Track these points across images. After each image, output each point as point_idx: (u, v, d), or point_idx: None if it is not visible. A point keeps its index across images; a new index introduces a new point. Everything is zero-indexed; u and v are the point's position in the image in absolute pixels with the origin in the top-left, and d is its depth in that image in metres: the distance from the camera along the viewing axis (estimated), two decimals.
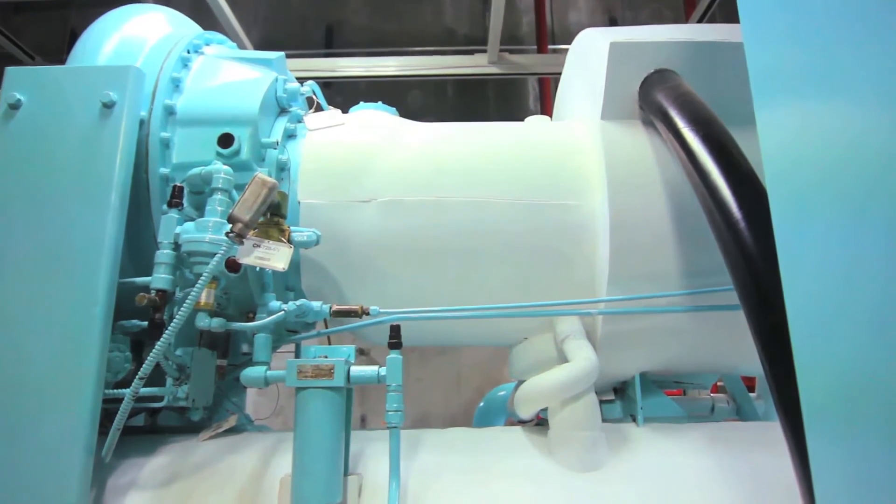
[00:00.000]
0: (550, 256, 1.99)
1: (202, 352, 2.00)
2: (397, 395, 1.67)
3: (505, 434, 2.02)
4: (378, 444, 1.84)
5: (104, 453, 1.68)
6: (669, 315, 1.93)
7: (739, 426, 2.23)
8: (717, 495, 1.70)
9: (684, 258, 1.90)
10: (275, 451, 1.90)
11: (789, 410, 1.16)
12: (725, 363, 2.28)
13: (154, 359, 1.58)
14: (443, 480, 1.75)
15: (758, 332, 1.26)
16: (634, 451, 1.87)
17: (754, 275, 1.30)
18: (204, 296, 1.68)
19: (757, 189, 1.41)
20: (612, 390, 2.26)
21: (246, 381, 1.78)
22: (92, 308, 1.65)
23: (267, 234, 1.69)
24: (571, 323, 1.98)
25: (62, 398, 1.60)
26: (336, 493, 1.62)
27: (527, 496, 1.71)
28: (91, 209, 1.71)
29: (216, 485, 1.78)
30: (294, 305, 1.80)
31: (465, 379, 5.33)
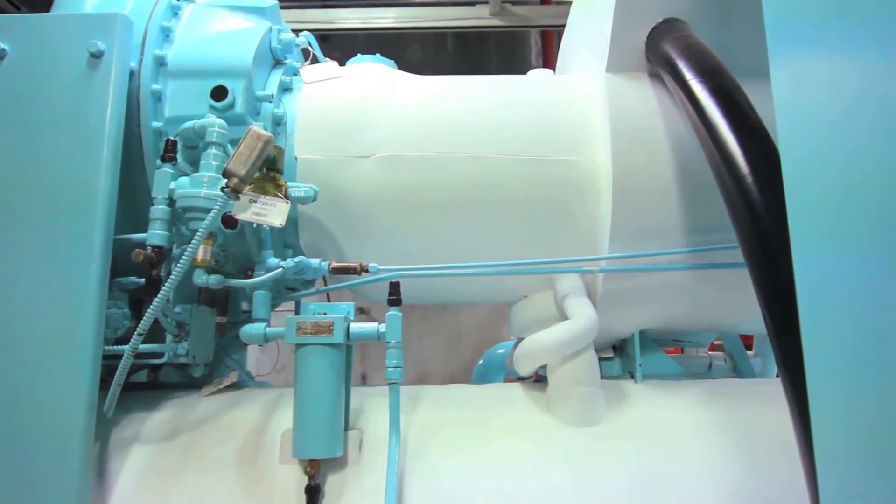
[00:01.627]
0: (552, 213, 1.96)
1: (201, 309, 1.99)
2: (397, 351, 1.67)
3: (504, 390, 2.04)
4: (378, 399, 1.86)
5: (106, 408, 1.69)
6: (671, 273, 1.92)
7: (736, 383, 2.24)
8: (713, 449, 1.72)
9: (687, 215, 1.88)
10: (276, 406, 1.91)
11: (791, 367, 1.15)
12: (725, 321, 2.28)
13: (152, 315, 1.57)
14: (442, 435, 1.77)
15: (762, 289, 1.25)
16: (632, 406, 1.88)
17: (760, 232, 1.27)
18: (201, 252, 1.66)
19: (766, 144, 1.37)
20: (612, 348, 2.27)
21: (245, 338, 1.78)
22: (88, 265, 1.62)
23: (263, 189, 1.66)
24: (572, 280, 1.97)
25: (62, 355, 1.60)
26: (337, 447, 1.64)
27: (525, 450, 1.73)
28: (83, 164, 1.66)
29: (218, 439, 1.80)
30: (292, 262, 1.78)
31: (464, 337, 5.38)
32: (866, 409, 0.93)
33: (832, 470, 0.94)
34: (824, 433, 0.96)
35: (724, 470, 1.67)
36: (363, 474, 1.68)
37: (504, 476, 1.67)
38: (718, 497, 1.62)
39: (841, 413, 0.95)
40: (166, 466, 1.73)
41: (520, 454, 1.72)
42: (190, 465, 1.73)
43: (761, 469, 1.67)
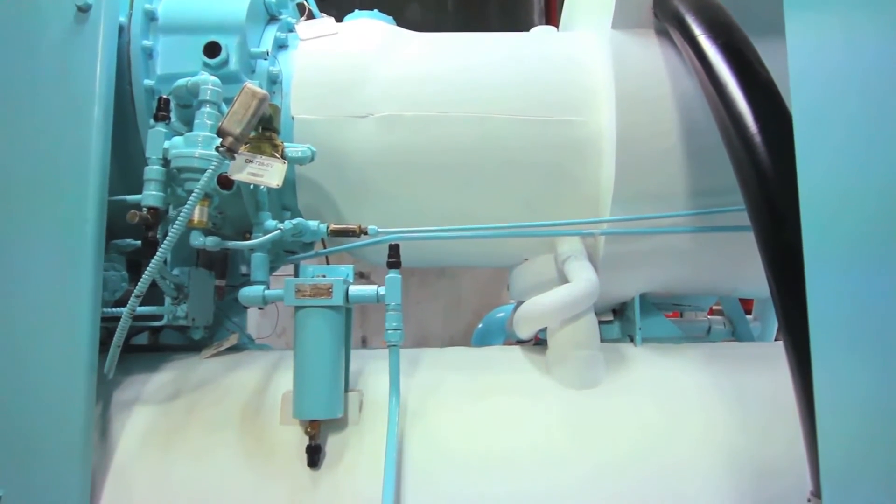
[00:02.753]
0: (554, 175, 1.92)
1: (199, 271, 1.99)
2: (396, 314, 1.66)
3: (503, 353, 2.04)
4: (378, 362, 1.86)
5: (106, 369, 1.69)
6: (673, 236, 1.90)
7: (735, 346, 2.25)
8: (712, 411, 1.73)
9: (692, 178, 1.85)
10: (276, 368, 1.92)
11: (794, 330, 1.15)
12: (726, 285, 2.27)
13: (149, 277, 1.56)
14: (442, 396, 1.78)
15: (767, 251, 1.23)
16: (631, 368, 1.89)
17: (767, 192, 1.25)
18: (197, 213, 1.63)
19: (776, 103, 1.34)
20: (611, 311, 2.27)
21: (244, 300, 1.77)
22: (83, 226, 1.60)
23: (259, 149, 1.62)
24: (573, 243, 1.95)
25: (60, 317, 1.59)
26: (337, 409, 1.65)
27: (524, 410, 1.74)
28: (73, 123, 1.62)
29: (219, 400, 1.81)
30: (290, 224, 1.76)
31: (464, 301, 5.40)
32: (869, 373, 0.92)
33: (833, 433, 0.93)
34: (826, 396, 0.95)
35: (722, 432, 1.69)
36: (363, 435, 1.69)
37: (503, 437, 1.69)
38: (716, 458, 1.64)
39: (844, 376, 0.94)
40: (168, 427, 1.75)
41: (519, 415, 1.73)
42: (192, 426, 1.75)
43: (758, 431, 1.69)
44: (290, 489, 1.60)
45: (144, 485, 1.64)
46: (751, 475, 1.60)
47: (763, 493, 1.58)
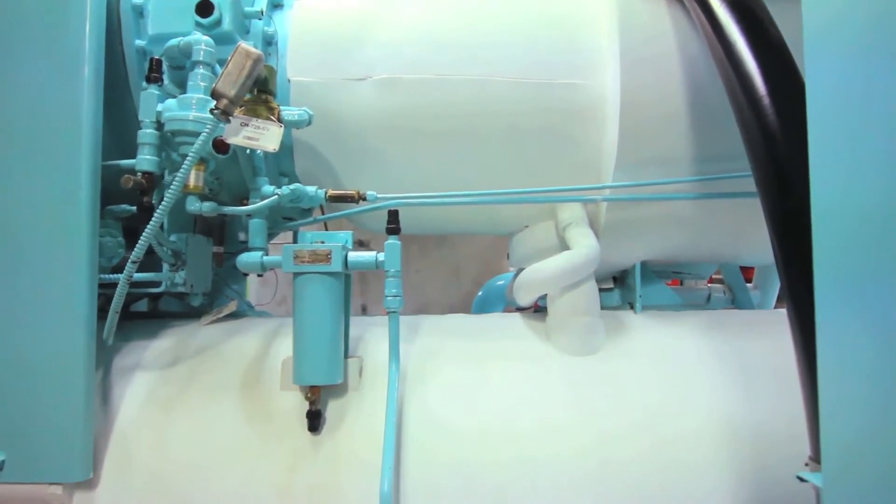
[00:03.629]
0: (556, 139, 1.89)
1: (197, 238, 1.97)
2: (396, 280, 1.65)
3: (503, 320, 2.04)
4: (378, 329, 1.86)
5: (105, 336, 1.69)
6: (676, 203, 1.87)
7: (735, 313, 2.25)
8: (711, 377, 1.74)
9: (696, 143, 1.81)
10: (276, 334, 1.92)
11: (798, 297, 1.14)
12: (727, 253, 2.25)
13: (145, 242, 1.54)
14: (441, 362, 1.79)
15: (773, 217, 1.21)
16: (631, 335, 1.89)
17: (774, 157, 1.22)
18: (192, 178, 1.60)
19: (787, 64, 1.30)
20: (612, 279, 2.26)
21: (242, 266, 1.75)
22: (76, 192, 1.57)
23: (255, 112, 1.58)
24: (574, 210, 1.92)
25: (57, 283, 1.58)
26: (337, 374, 1.65)
27: (523, 376, 1.75)
28: (63, 84, 1.58)
29: (219, 366, 1.81)
30: (288, 190, 1.73)
31: (463, 270, 5.40)
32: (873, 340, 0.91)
33: (834, 399, 0.93)
34: (829, 363, 0.94)
35: (721, 398, 1.69)
36: (363, 400, 1.70)
37: (502, 402, 1.69)
38: (714, 424, 1.65)
39: (847, 343, 0.93)
40: (169, 393, 1.75)
41: (518, 381, 1.74)
42: (192, 392, 1.75)
43: (757, 397, 1.70)
44: (291, 453, 1.62)
45: (146, 449, 1.66)
46: (748, 441, 1.62)
47: (760, 459, 1.59)
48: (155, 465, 1.63)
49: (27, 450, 1.56)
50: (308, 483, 1.58)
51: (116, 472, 1.64)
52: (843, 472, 0.91)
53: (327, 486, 1.57)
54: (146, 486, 1.61)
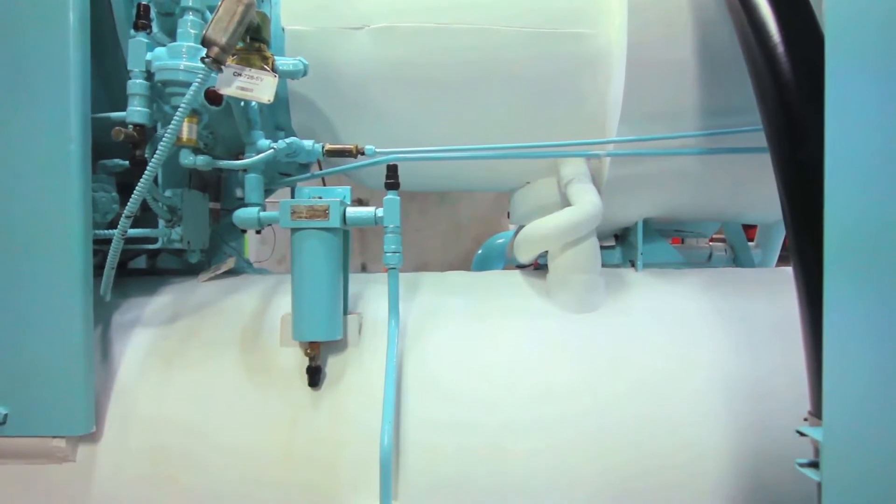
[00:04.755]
0: (559, 92, 1.83)
1: (192, 193, 1.94)
2: (395, 236, 1.63)
3: (503, 277, 2.03)
4: (377, 286, 1.85)
5: (102, 291, 1.67)
6: (681, 158, 1.83)
7: (736, 271, 2.23)
8: (711, 333, 1.73)
9: (704, 96, 1.76)
10: (275, 291, 1.91)
11: (805, 253, 1.12)
12: (731, 210, 2.22)
13: (138, 196, 1.50)
14: (441, 319, 1.78)
15: (783, 171, 1.18)
16: (632, 293, 1.88)
17: (787, 108, 1.18)
18: (185, 131, 1.56)
19: (804, 11, 1.24)
20: (613, 237, 2.24)
21: (239, 222, 1.73)
22: (67, 145, 1.53)
23: (248, 61, 1.53)
24: (577, 165, 1.89)
25: (51, 239, 1.55)
26: (336, 330, 1.64)
27: (523, 334, 1.74)
28: (48, 32, 1.51)
29: (219, 322, 1.81)
30: (284, 144, 1.68)
31: (463, 229, 5.37)
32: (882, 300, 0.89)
33: (838, 356, 0.92)
34: (835, 320, 0.93)
35: (722, 355, 1.69)
36: (363, 356, 1.70)
37: (502, 359, 1.69)
38: (714, 381, 1.65)
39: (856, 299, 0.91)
40: (169, 349, 1.75)
41: (518, 338, 1.73)
42: (192, 348, 1.75)
43: (757, 354, 1.70)
44: (291, 408, 1.63)
45: (148, 403, 1.66)
46: (747, 397, 1.62)
47: (759, 416, 1.60)
48: (157, 419, 1.64)
49: (29, 404, 1.57)
50: (308, 437, 1.59)
51: (119, 425, 1.65)
52: (843, 426, 0.91)
53: (327, 441, 1.59)
54: (148, 440, 1.62)
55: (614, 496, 1.53)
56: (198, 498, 1.57)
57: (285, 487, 1.56)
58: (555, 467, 1.55)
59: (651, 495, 1.54)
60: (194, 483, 1.58)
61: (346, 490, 1.55)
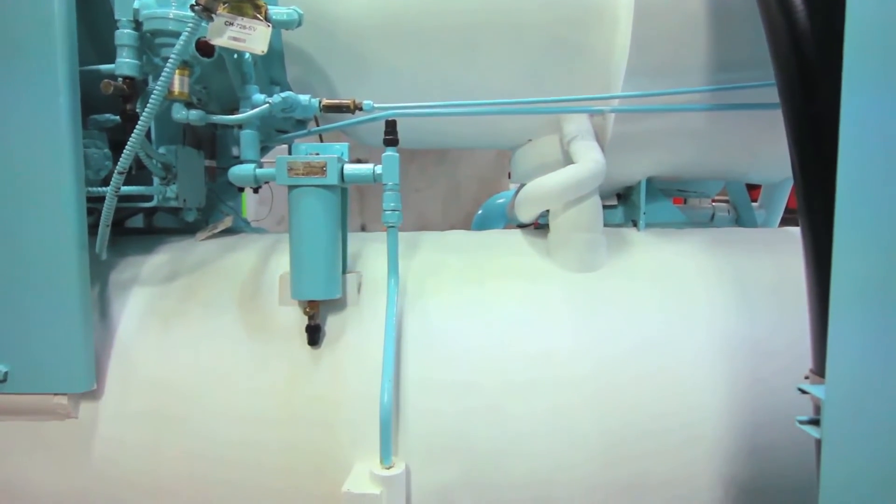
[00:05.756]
0: (564, 44, 1.77)
1: (187, 150, 1.90)
2: (394, 194, 1.59)
3: (503, 236, 2.00)
4: (377, 244, 1.83)
5: (98, 249, 1.65)
6: (687, 114, 1.78)
7: (739, 231, 2.21)
8: (712, 294, 1.72)
9: (713, 49, 1.70)
10: (273, 250, 1.89)
11: (814, 210, 1.09)
12: (737, 169, 2.18)
13: (131, 151, 1.46)
14: (441, 278, 1.77)
15: (793, 125, 1.14)
16: (633, 253, 1.86)
17: (801, 59, 1.13)
18: (177, 84, 1.51)
19: None
20: (616, 196, 2.21)
21: (235, 179, 1.69)
22: (55, 98, 1.48)
23: (240, 10, 1.46)
24: (580, 122, 1.84)
25: (44, 196, 1.52)
26: (335, 289, 1.63)
27: (523, 293, 1.73)
28: None
29: (216, 281, 1.80)
30: (279, 98, 1.63)
31: (464, 189, 5.32)
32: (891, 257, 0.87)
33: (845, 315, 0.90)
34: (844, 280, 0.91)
35: (722, 315, 1.68)
36: (363, 315, 1.69)
37: (502, 319, 1.68)
38: (714, 341, 1.64)
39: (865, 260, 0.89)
40: (167, 307, 1.75)
41: (518, 298, 1.72)
42: (191, 306, 1.74)
43: (758, 314, 1.69)
44: (291, 367, 1.63)
45: (148, 361, 1.67)
46: (747, 357, 1.62)
47: (759, 375, 1.60)
48: (157, 377, 1.65)
49: (29, 362, 1.57)
50: (308, 395, 1.60)
51: (120, 383, 1.66)
52: (846, 385, 0.90)
53: (327, 399, 1.59)
54: (149, 398, 1.63)
55: (614, 456, 1.55)
56: (199, 455, 1.59)
57: (284, 445, 1.58)
58: (555, 427, 1.56)
59: (651, 455, 1.55)
60: (195, 440, 1.59)
61: (346, 448, 1.57)
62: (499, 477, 1.54)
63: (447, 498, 1.55)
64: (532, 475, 1.54)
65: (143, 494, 1.60)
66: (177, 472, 1.60)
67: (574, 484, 1.54)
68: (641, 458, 1.54)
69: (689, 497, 1.54)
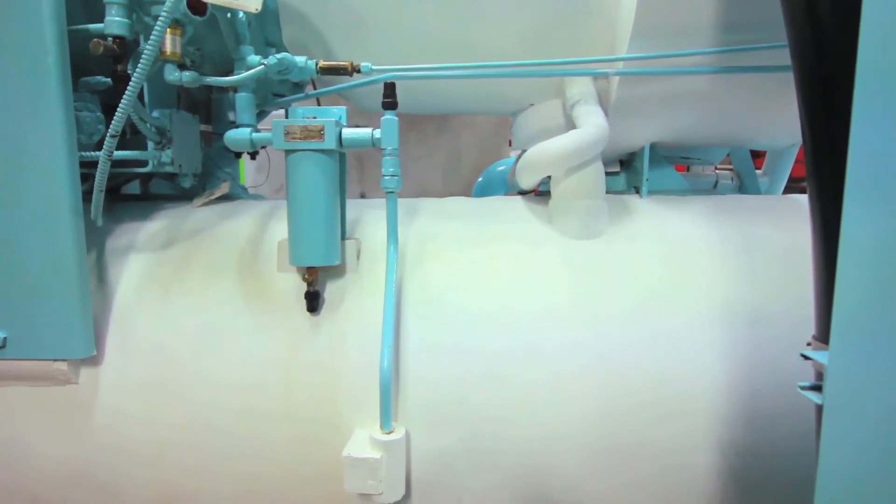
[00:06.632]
0: (567, 4, 1.71)
1: (181, 114, 1.86)
2: (393, 159, 1.56)
3: (504, 202, 1.98)
4: (376, 211, 1.80)
5: (93, 215, 1.63)
6: (693, 77, 1.74)
7: (742, 198, 2.18)
8: (714, 260, 1.70)
9: (723, 8, 1.64)
10: (271, 216, 1.87)
11: (823, 175, 1.06)
12: (742, 134, 2.14)
13: (123, 112, 1.43)
14: (441, 244, 1.75)
15: (804, 86, 1.10)
16: (635, 219, 1.83)
17: (814, 16, 1.08)
18: (168, 43, 1.46)
19: None
20: (618, 162, 2.18)
21: (230, 143, 1.66)
22: (44, 58, 1.44)
23: None
24: (583, 85, 1.79)
25: (35, 160, 1.49)
26: (333, 256, 1.61)
27: (524, 259, 1.71)
28: None
29: (214, 247, 1.78)
30: (275, 59, 1.59)
31: (464, 157, 5.26)
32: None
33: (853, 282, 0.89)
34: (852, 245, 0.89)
35: (722, 281, 1.67)
36: (362, 281, 1.68)
37: (502, 285, 1.67)
38: (714, 307, 1.63)
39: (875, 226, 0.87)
40: (165, 273, 1.73)
41: (519, 264, 1.70)
42: (189, 273, 1.73)
43: (759, 280, 1.67)
44: (290, 334, 1.62)
45: (147, 328, 1.66)
46: (746, 323, 1.61)
47: (756, 340, 1.59)
48: (157, 343, 1.64)
49: (28, 328, 1.57)
50: (307, 362, 1.60)
51: (120, 349, 1.65)
52: (850, 351, 0.89)
53: (326, 364, 1.59)
54: (149, 364, 1.63)
55: (613, 422, 1.55)
56: (199, 421, 1.60)
57: (284, 411, 1.58)
58: (554, 392, 1.56)
59: (650, 422, 1.55)
60: (195, 408, 1.60)
61: (346, 414, 1.57)
62: (498, 442, 1.55)
63: (447, 463, 1.56)
64: (531, 441, 1.55)
65: (142, 460, 1.62)
66: (176, 439, 1.60)
67: (573, 451, 1.55)
68: (640, 424, 1.55)
69: (688, 464, 1.55)
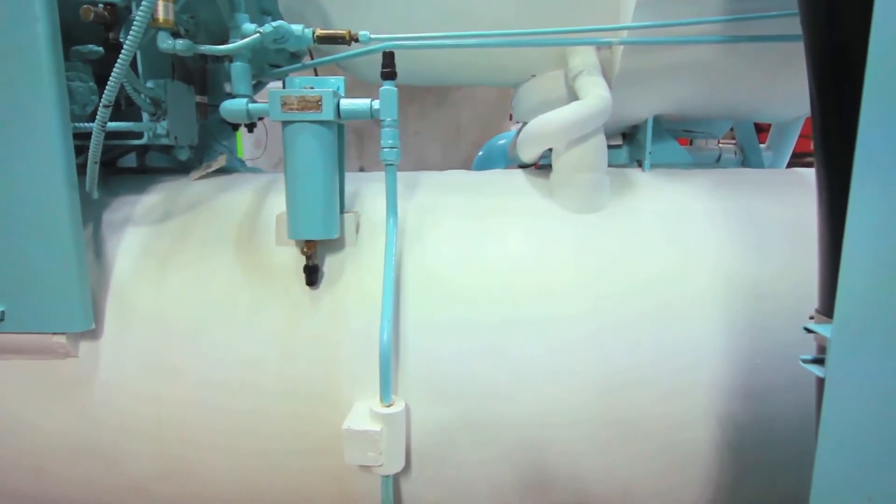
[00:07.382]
0: None
1: (176, 84, 1.82)
2: (392, 130, 1.53)
3: (505, 176, 1.95)
4: (375, 184, 1.78)
5: (88, 188, 1.61)
6: (699, 47, 1.69)
7: (746, 172, 2.15)
8: (717, 234, 1.69)
9: None
10: (269, 190, 1.85)
11: (831, 145, 1.04)
12: (747, 106, 2.11)
13: (115, 81, 1.39)
14: (440, 217, 1.73)
15: (813, 53, 1.07)
16: (638, 193, 1.81)
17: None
18: (161, 10, 1.42)
19: None
20: (621, 135, 2.14)
21: (226, 114, 1.63)
22: (32, 25, 1.40)
23: None
24: (586, 56, 1.75)
25: (28, 132, 1.47)
26: (332, 229, 1.60)
27: (525, 233, 1.69)
28: None
29: (212, 221, 1.76)
30: (270, 27, 1.55)
31: (464, 132, 5.21)
32: None
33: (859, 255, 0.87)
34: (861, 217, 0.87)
35: (725, 255, 1.65)
36: (362, 255, 1.67)
37: (503, 259, 1.66)
38: (717, 281, 1.62)
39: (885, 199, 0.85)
40: (163, 246, 1.72)
41: (519, 238, 1.69)
42: (187, 246, 1.72)
43: (762, 254, 1.66)
44: (289, 307, 1.62)
45: (146, 301, 1.66)
46: (748, 297, 1.60)
47: (758, 314, 1.59)
48: (156, 317, 1.64)
49: (26, 301, 1.56)
50: (307, 335, 1.59)
51: (118, 322, 1.65)
52: (854, 324, 0.88)
53: (326, 338, 1.59)
54: (148, 336, 1.63)
55: (613, 393, 1.55)
56: (199, 394, 1.60)
57: (284, 385, 1.58)
58: (554, 366, 1.56)
59: (650, 395, 1.55)
60: (194, 381, 1.60)
61: (346, 388, 1.57)
62: (498, 416, 1.55)
63: (447, 436, 1.57)
64: (531, 415, 1.55)
65: (142, 433, 1.62)
66: (176, 412, 1.61)
67: (573, 425, 1.55)
68: (641, 398, 1.55)
69: (688, 437, 1.56)
